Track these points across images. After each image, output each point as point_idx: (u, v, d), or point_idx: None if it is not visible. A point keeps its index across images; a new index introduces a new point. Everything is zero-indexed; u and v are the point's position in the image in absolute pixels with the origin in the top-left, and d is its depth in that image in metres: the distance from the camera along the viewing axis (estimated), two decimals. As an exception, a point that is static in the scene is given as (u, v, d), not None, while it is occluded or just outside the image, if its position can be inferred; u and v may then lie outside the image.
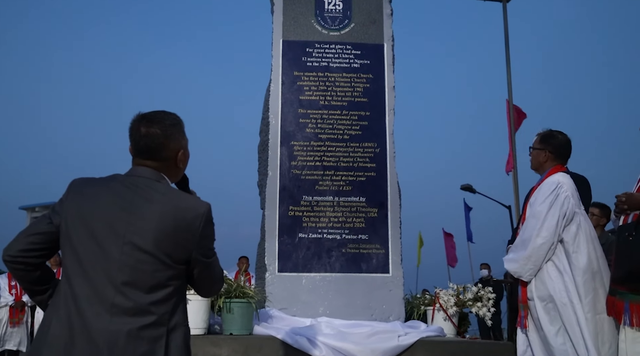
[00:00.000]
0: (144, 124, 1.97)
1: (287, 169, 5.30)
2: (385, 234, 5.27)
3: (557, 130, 3.89)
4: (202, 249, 1.93)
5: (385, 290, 5.16)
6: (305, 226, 5.20)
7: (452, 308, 5.12)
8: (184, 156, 2.05)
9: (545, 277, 3.58)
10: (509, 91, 11.44)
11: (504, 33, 11.61)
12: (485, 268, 12.39)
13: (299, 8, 5.71)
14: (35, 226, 1.95)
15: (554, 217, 3.56)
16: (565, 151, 3.84)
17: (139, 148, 1.98)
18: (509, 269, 3.77)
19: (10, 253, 1.89)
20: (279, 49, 5.58)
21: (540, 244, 3.55)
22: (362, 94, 5.54)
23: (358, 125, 5.46)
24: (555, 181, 3.67)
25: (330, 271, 5.12)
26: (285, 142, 5.35)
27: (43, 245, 1.92)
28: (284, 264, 5.10)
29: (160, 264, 1.84)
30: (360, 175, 5.36)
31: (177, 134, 2.02)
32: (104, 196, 1.89)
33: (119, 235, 1.83)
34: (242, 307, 4.39)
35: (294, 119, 5.42)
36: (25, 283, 1.96)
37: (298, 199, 5.24)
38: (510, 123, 11.24)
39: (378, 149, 5.43)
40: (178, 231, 1.86)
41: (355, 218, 5.27)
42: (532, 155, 3.93)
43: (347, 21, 5.72)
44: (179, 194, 1.97)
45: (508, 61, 11.51)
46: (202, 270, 1.97)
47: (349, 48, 5.65)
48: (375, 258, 5.21)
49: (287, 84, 5.49)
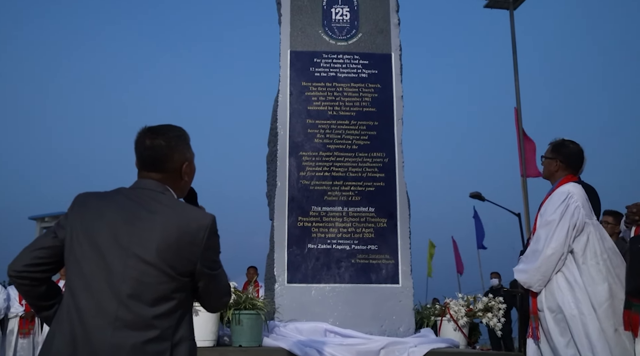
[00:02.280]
0: (149, 136, 1.97)
1: (295, 179, 5.29)
2: (395, 245, 5.25)
3: (570, 139, 3.86)
4: (206, 262, 1.91)
5: (395, 301, 5.13)
6: (315, 237, 5.18)
7: (463, 319, 5.09)
8: (189, 168, 2.05)
9: (555, 288, 3.55)
10: (517, 98, 11.41)
11: (511, 40, 11.60)
12: (496, 276, 12.28)
13: (307, 18, 5.72)
14: (40, 240, 1.94)
15: (564, 228, 3.52)
16: (576, 160, 3.81)
17: (144, 160, 1.99)
18: (519, 280, 3.74)
19: (16, 268, 1.89)
20: (286, 60, 5.59)
21: (549, 255, 3.52)
22: (370, 104, 5.54)
23: (366, 135, 5.45)
24: (566, 191, 3.63)
25: (340, 281, 5.10)
26: (293, 153, 5.35)
27: (48, 260, 1.91)
28: (293, 275, 5.08)
29: (164, 276, 1.82)
30: (369, 185, 5.35)
31: (182, 146, 2.02)
32: (108, 209, 1.89)
33: (122, 247, 1.82)
34: (252, 319, 4.38)
35: (302, 129, 5.41)
36: (30, 298, 1.95)
37: (307, 210, 5.23)
38: (519, 130, 11.19)
39: (387, 159, 5.42)
40: (182, 243, 1.85)
41: (365, 228, 5.25)
42: (544, 164, 3.90)
43: (354, 31, 5.73)
44: (183, 206, 1.96)
45: (516, 68, 11.49)
46: (208, 283, 1.95)
47: (356, 58, 5.65)
48: (384, 268, 5.18)
49: (295, 95, 5.50)
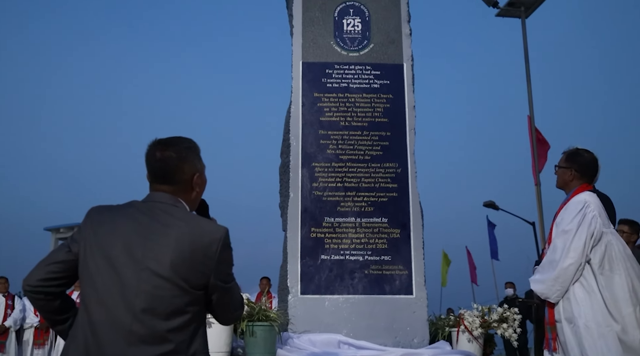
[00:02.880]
0: (159, 149, 1.97)
1: (308, 190, 5.29)
2: (408, 255, 5.22)
3: (584, 148, 3.83)
4: (219, 275, 1.90)
5: (409, 312, 5.09)
6: (328, 248, 5.17)
7: (478, 330, 5.04)
8: (200, 179, 2.04)
9: (573, 299, 3.50)
10: (530, 107, 11.34)
11: (524, 48, 11.55)
12: (511, 286, 12.16)
13: (318, 30, 5.75)
14: (54, 254, 1.94)
15: (582, 237, 3.48)
16: (591, 169, 3.77)
17: (155, 173, 1.99)
18: (535, 291, 3.69)
19: (30, 282, 1.89)
20: (298, 71, 5.62)
21: (567, 265, 3.48)
22: (382, 115, 5.54)
23: (379, 145, 5.45)
24: (582, 200, 3.59)
25: (353, 293, 5.08)
26: (306, 164, 5.35)
27: (62, 274, 1.91)
28: (307, 286, 5.07)
29: (178, 289, 1.82)
30: (382, 195, 5.33)
31: (192, 158, 2.02)
32: (121, 222, 1.89)
33: (136, 261, 1.82)
34: (265, 330, 4.37)
35: (314, 140, 5.42)
36: (45, 312, 1.95)
37: (320, 221, 5.23)
38: (532, 139, 11.12)
39: (399, 169, 5.41)
40: (195, 256, 1.84)
41: (378, 239, 5.23)
42: (557, 173, 3.86)
43: (366, 42, 5.75)
44: (196, 219, 1.95)
45: (528, 76, 11.43)
46: (221, 296, 1.94)
47: (368, 68, 5.66)
48: (398, 279, 5.15)
49: (307, 106, 5.51)
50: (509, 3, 11.74)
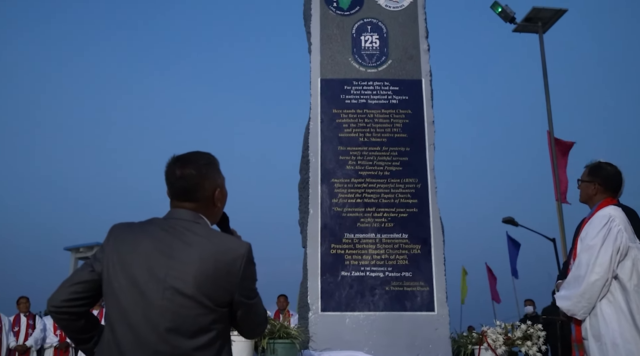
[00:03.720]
0: (179, 166, 1.97)
1: (328, 206, 5.28)
2: (429, 271, 5.17)
3: (606, 161, 3.78)
4: (244, 291, 1.89)
5: (431, 329, 5.03)
6: (348, 264, 5.14)
7: (501, 347, 4.95)
8: (221, 194, 2.04)
9: (600, 315, 3.43)
10: (549, 121, 11.27)
11: (542, 64, 11.51)
12: (530, 304, 12.00)
13: (336, 47, 5.78)
14: (78, 274, 1.94)
15: (607, 252, 3.42)
16: (615, 183, 3.72)
17: (176, 190, 1.98)
18: (561, 307, 3.63)
19: (54, 303, 1.89)
20: (317, 88, 5.64)
21: (594, 281, 3.42)
22: (401, 130, 5.53)
23: (398, 161, 5.43)
24: (607, 215, 3.54)
25: (374, 309, 5.03)
26: (325, 180, 5.35)
27: (86, 294, 1.91)
28: (327, 303, 5.03)
29: (202, 308, 1.81)
30: (402, 211, 5.30)
31: (212, 173, 2.01)
32: (144, 241, 1.89)
33: (159, 280, 1.81)
34: (286, 348, 4.34)
35: (333, 156, 5.42)
36: (70, 332, 1.96)
37: (340, 237, 5.21)
38: (552, 155, 11.03)
39: (419, 184, 5.38)
40: (218, 274, 1.83)
41: (398, 255, 5.19)
42: (580, 188, 3.82)
43: (384, 58, 5.76)
44: (218, 236, 1.95)
45: (547, 92, 11.37)
46: (246, 312, 1.93)
47: (386, 84, 5.67)
48: (419, 295, 5.10)
49: (326, 122, 5.53)
50: (526, 19, 11.74)
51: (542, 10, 11.56)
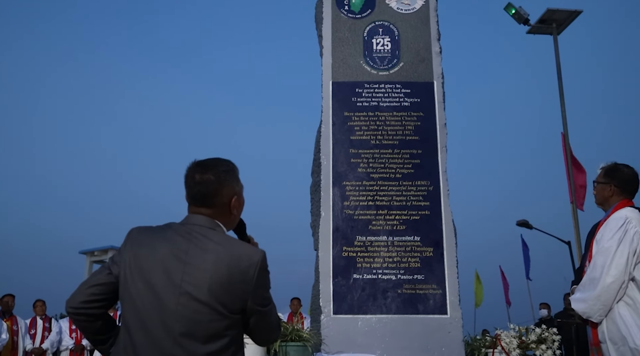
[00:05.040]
0: (198, 171, 1.99)
1: (339, 209, 5.27)
2: (442, 274, 5.14)
3: (623, 163, 3.73)
4: (257, 299, 1.90)
5: (444, 332, 4.99)
6: (360, 267, 5.13)
7: (515, 351, 4.90)
8: (238, 202, 2.05)
9: (617, 318, 3.39)
10: (564, 123, 11.17)
11: (556, 65, 11.42)
12: (545, 307, 11.87)
13: (348, 50, 5.78)
14: (96, 277, 1.97)
15: (624, 254, 3.38)
16: (632, 185, 3.67)
17: (194, 195, 2.00)
18: (577, 310, 3.58)
19: (73, 305, 1.92)
20: (328, 91, 5.64)
21: (609, 283, 3.37)
22: (413, 133, 5.51)
23: (410, 163, 5.41)
24: (623, 216, 3.50)
25: (387, 312, 5.00)
26: (337, 183, 5.34)
27: (104, 296, 1.93)
28: (339, 306, 5.02)
29: (216, 314, 1.82)
30: (414, 214, 5.28)
31: (231, 180, 2.03)
32: (161, 246, 1.90)
33: (175, 285, 1.83)
34: (298, 351, 4.33)
35: (345, 159, 5.42)
36: (87, 333, 1.98)
37: (352, 240, 5.19)
38: (567, 157, 10.93)
39: (431, 187, 5.35)
40: (233, 281, 1.84)
41: (411, 258, 5.16)
42: (596, 189, 3.77)
43: (395, 61, 5.75)
44: (233, 243, 1.95)
45: (562, 94, 11.27)
46: (259, 319, 1.94)
47: (398, 87, 5.65)
48: (432, 298, 5.07)
49: (337, 125, 5.52)
50: (540, 20, 11.65)
51: (557, 12, 11.45)
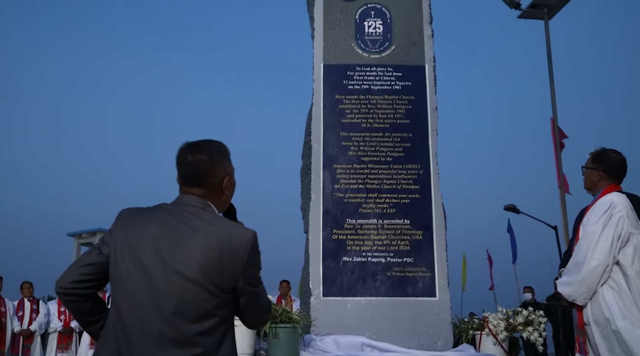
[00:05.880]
0: (190, 152, 1.99)
1: (330, 192, 5.28)
2: (431, 257, 5.18)
3: (611, 148, 3.77)
4: (248, 278, 1.91)
5: (433, 314, 5.05)
6: (350, 250, 5.16)
7: (502, 333, 4.97)
8: (230, 183, 2.05)
9: (601, 301, 3.44)
10: (554, 109, 11.22)
11: (547, 50, 11.44)
12: (529, 291, 12.00)
13: (339, 32, 5.75)
14: (86, 257, 1.96)
15: (608, 238, 3.43)
16: (619, 170, 3.70)
17: (185, 175, 2.00)
18: (562, 293, 3.64)
19: (62, 285, 1.91)
20: (320, 73, 5.62)
21: (594, 267, 3.42)
22: (404, 116, 5.52)
23: (401, 147, 5.42)
24: (609, 201, 3.54)
25: (376, 295, 5.05)
26: (327, 166, 5.35)
27: (94, 276, 1.93)
28: (329, 288, 5.05)
29: (206, 293, 1.82)
30: (404, 197, 5.31)
31: (223, 161, 2.03)
32: (152, 225, 1.90)
33: (166, 264, 1.83)
34: (288, 332, 4.37)
35: (336, 142, 5.42)
36: (77, 314, 1.98)
37: (342, 223, 5.22)
38: (556, 142, 11.00)
39: (422, 170, 5.38)
40: (223, 259, 1.85)
41: (400, 241, 5.20)
42: (584, 174, 3.80)
43: (387, 44, 5.73)
44: (224, 222, 1.96)
45: (551, 79, 11.31)
46: (249, 300, 1.95)
47: (390, 70, 5.64)
48: (421, 281, 5.12)
49: (328, 108, 5.51)
50: (531, 5, 11.64)
51: (548, -3, 11.45)
